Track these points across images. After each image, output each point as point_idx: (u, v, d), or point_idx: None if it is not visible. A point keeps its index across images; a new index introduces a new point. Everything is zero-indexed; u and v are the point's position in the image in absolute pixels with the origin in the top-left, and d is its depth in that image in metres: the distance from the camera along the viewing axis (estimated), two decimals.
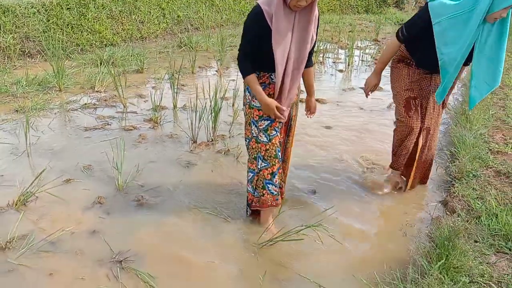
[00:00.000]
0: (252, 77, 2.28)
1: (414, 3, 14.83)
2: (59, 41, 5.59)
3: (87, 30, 6.77)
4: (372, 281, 2.11)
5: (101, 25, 6.97)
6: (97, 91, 4.87)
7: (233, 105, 4.65)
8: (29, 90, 4.69)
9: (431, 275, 1.95)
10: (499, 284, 2.01)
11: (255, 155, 2.43)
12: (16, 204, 2.68)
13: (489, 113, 4.29)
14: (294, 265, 2.29)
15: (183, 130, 3.90)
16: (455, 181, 3.09)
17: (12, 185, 2.92)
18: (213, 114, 3.76)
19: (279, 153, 2.44)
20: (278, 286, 2.15)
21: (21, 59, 5.90)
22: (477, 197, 2.83)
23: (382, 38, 9.09)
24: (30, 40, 6.11)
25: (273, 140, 2.39)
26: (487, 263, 2.16)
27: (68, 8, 6.63)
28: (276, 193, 2.45)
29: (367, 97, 3.07)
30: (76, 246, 2.36)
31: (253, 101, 2.40)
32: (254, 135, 2.41)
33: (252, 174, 2.46)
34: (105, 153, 3.40)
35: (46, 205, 2.71)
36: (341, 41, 8.47)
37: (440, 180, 3.24)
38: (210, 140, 3.76)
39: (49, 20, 6.39)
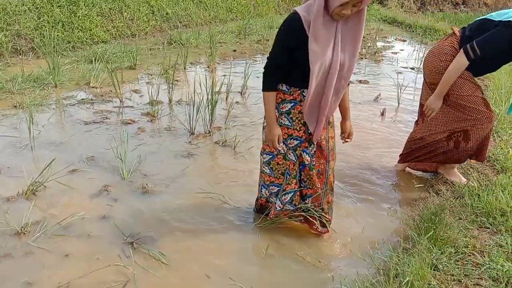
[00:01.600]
0: (272, 95, 2.15)
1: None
2: (54, 38, 5.64)
3: (78, 27, 6.83)
4: (366, 254, 2.31)
5: (92, 23, 7.04)
6: (92, 87, 4.97)
7: (226, 99, 4.80)
8: (25, 86, 4.76)
9: (420, 244, 2.15)
10: (482, 254, 2.22)
11: (283, 171, 2.37)
12: (26, 193, 2.79)
13: None
14: (293, 244, 2.46)
15: (181, 122, 4.04)
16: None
17: (19, 176, 3.03)
18: (209, 107, 3.91)
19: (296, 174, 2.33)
20: (279, 261, 2.32)
21: (13, 57, 5.94)
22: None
23: (367, 34, 9.33)
24: (22, 38, 6.15)
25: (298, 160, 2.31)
26: (470, 236, 2.37)
27: (58, 6, 6.69)
28: (279, 209, 2.39)
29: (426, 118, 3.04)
30: (87, 230, 2.49)
31: (281, 118, 2.25)
32: (281, 152, 2.32)
33: (277, 189, 2.41)
34: (108, 144, 3.52)
35: (55, 194, 2.83)
36: None
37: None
38: (207, 132, 3.91)
39: (40, 18, 6.44)
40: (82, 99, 4.58)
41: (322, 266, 2.28)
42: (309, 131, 2.24)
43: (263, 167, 2.43)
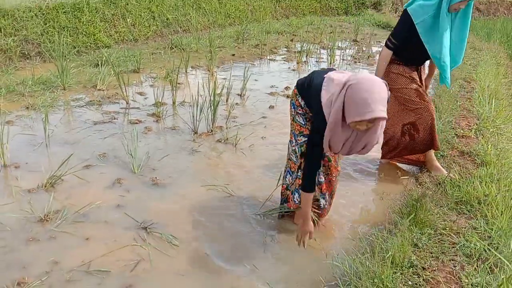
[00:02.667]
0: (311, 197, 2.38)
1: (392, 4, 15.53)
2: (63, 43, 5.91)
3: (82, 33, 7.10)
4: (356, 236, 2.59)
5: (95, 28, 7.31)
6: (99, 89, 5.23)
7: (226, 100, 5.07)
8: (35, 89, 5.02)
9: (402, 225, 2.43)
10: (458, 235, 2.51)
11: (286, 169, 2.67)
12: (45, 186, 3.06)
13: (456, 104, 4.84)
14: (292, 228, 2.74)
15: (185, 122, 4.32)
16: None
17: (37, 170, 3.29)
18: (212, 107, 4.19)
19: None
20: (278, 243, 2.60)
21: (21, 61, 6.20)
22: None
23: (361, 39, 9.65)
24: (29, 43, 6.42)
25: None
26: (449, 220, 2.65)
27: (64, 12, 6.96)
28: (297, 202, 2.60)
29: None
30: (104, 218, 2.77)
31: (297, 116, 2.52)
32: (293, 147, 2.56)
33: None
34: (117, 142, 3.79)
35: (72, 186, 3.10)
36: (323, 42, 8.98)
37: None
38: (210, 130, 4.18)
39: (46, 24, 6.71)
40: (90, 100, 4.85)
41: (318, 246, 2.56)
42: None
43: (291, 155, 2.62)
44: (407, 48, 3.15)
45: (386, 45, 3.17)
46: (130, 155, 3.41)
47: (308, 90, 2.42)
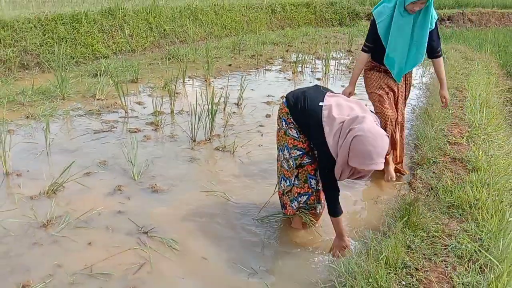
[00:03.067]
0: (340, 219, 2.53)
1: None
2: (63, 54, 6.00)
3: (81, 43, 7.20)
4: (353, 238, 2.67)
5: (93, 39, 7.42)
6: (98, 99, 5.32)
7: (224, 109, 5.17)
8: (35, 98, 5.10)
9: (396, 227, 2.52)
10: (450, 237, 2.59)
11: (280, 175, 2.76)
12: (47, 193, 3.12)
13: (449, 112, 4.96)
14: (288, 232, 2.82)
15: (184, 130, 4.40)
16: (418, 167, 3.70)
17: (38, 178, 3.36)
18: (210, 116, 4.28)
19: (312, 181, 2.67)
20: (275, 246, 2.67)
21: (20, 71, 6.28)
22: (436, 178, 3.44)
23: (355, 49, 9.82)
24: (28, 53, 6.51)
25: (305, 167, 2.64)
26: (441, 223, 2.74)
27: (62, 23, 7.07)
28: (295, 208, 2.72)
29: None
30: (105, 223, 2.83)
31: (289, 130, 2.62)
32: (285, 157, 2.66)
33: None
34: (117, 151, 3.86)
35: (73, 193, 3.17)
36: (318, 52, 9.14)
37: (406, 166, 3.85)
38: (208, 139, 4.27)
39: (45, 35, 6.81)
40: (90, 110, 4.93)
41: (315, 249, 2.64)
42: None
43: (283, 162, 2.71)
44: (376, 49, 3.39)
45: (362, 48, 3.48)
46: (130, 162, 3.48)
47: (303, 113, 2.52)
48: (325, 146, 2.36)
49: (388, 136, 2.28)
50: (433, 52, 3.41)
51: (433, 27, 3.29)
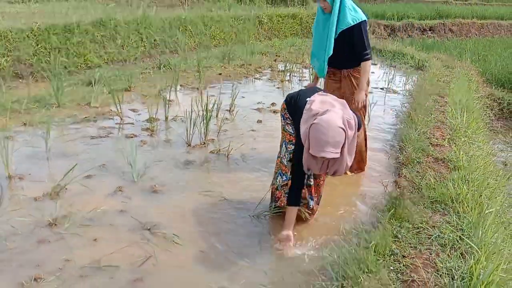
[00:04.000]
0: (295, 210, 2.74)
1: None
2: (58, 63, 6.13)
3: (73, 53, 7.33)
4: (343, 231, 2.86)
5: (86, 49, 7.56)
6: (93, 107, 5.45)
7: (216, 115, 5.34)
8: (31, 106, 5.21)
9: (383, 219, 2.72)
10: (433, 228, 2.80)
11: (277, 171, 2.95)
12: (51, 194, 3.25)
13: (431, 116, 5.22)
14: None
15: (179, 135, 4.57)
16: (403, 166, 3.92)
17: (40, 181, 3.49)
18: (204, 121, 4.46)
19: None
20: (272, 242, 2.84)
21: (13, 80, 6.38)
22: (420, 177, 3.66)
23: None
24: (22, 63, 6.62)
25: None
26: (425, 216, 2.95)
27: (55, 33, 7.19)
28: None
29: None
30: (109, 221, 2.97)
31: (287, 126, 2.89)
32: (284, 152, 2.89)
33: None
34: (115, 154, 4.01)
35: (76, 194, 3.30)
36: (305, 62, 9.40)
37: (392, 166, 4.08)
38: (203, 143, 4.44)
39: (38, 45, 6.93)
40: (85, 117, 5.06)
41: (308, 241, 2.82)
42: None
43: (282, 158, 2.92)
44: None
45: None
46: (130, 165, 3.62)
47: (294, 108, 2.80)
48: (301, 143, 2.56)
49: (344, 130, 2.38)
50: (358, 56, 3.60)
51: (346, 27, 3.48)
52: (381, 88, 7.49)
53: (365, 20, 3.54)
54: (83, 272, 2.44)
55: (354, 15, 3.50)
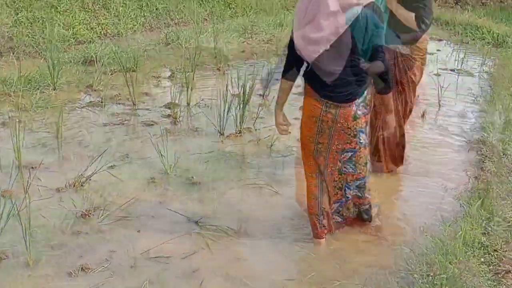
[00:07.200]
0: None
1: None
2: (55, 36, 6.74)
3: (60, 24, 7.97)
4: (419, 227, 3.42)
5: (75, 19, 8.19)
6: (95, 90, 6.05)
7: (248, 101, 5.90)
8: (22, 88, 5.81)
9: (471, 212, 3.27)
10: None
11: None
12: (75, 185, 3.83)
13: None
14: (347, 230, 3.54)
15: (207, 123, 5.15)
16: (486, 159, 4.45)
17: (55, 171, 4.08)
18: (240, 107, 5.03)
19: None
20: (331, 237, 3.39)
21: None
22: (508, 170, 4.19)
23: None
24: None
25: None
26: None
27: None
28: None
29: None
30: (149, 213, 3.55)
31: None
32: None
33: None
34: (136, 144, 4.61)
35: (104, 185, 3.89)
36: None
37: (473, 159, 4.62)
38: (238, 132, 5.01)
39: (17, 14, 7.58)
40: (90, 101, 5.67)
41: (390, 240, 3.37)
42: None
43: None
44: None
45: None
46: (160, 155, 4.19)
47: None
48: None
49: None
50: None
51: None
52: (451, 70, 7.99)
53: None
54: (134, 263, 3.00)
55: None
